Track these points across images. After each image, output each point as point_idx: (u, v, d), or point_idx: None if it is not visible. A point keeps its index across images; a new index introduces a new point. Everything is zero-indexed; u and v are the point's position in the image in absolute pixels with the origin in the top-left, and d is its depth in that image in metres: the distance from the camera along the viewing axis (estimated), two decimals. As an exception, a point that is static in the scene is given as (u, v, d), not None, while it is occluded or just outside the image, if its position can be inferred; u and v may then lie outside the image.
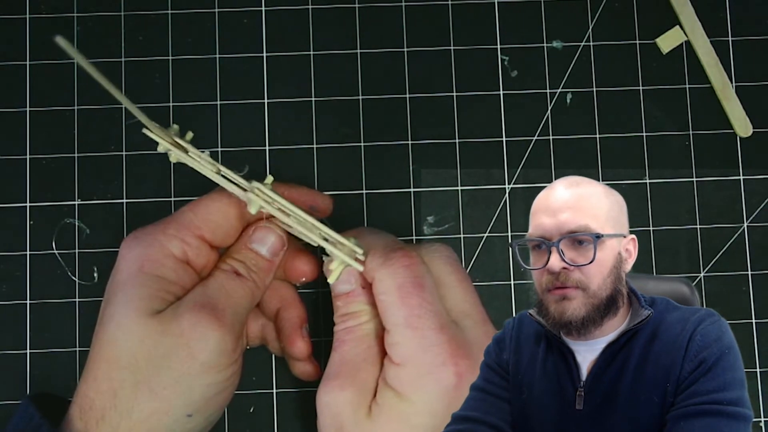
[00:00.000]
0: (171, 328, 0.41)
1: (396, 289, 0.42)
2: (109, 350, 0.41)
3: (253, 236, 0.45)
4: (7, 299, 0.51)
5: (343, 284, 0.45)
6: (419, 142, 0.53)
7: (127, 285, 0.42)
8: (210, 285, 0.44)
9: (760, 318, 0.52)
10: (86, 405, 0.41)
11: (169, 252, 0.43)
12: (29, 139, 0.53)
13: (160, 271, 0.43)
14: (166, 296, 0.42)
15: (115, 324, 0.41)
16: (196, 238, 0.44)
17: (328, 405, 0.42)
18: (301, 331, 0.48)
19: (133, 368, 0.41)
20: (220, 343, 0.42)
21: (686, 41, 0.54)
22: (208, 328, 0.41)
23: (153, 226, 0.44)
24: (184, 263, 0.44)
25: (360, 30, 0.54)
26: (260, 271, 0.45)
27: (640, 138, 0.54)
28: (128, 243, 0.44)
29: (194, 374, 0.41)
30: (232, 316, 0.43)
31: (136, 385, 0.40)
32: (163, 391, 0.41)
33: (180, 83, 0.53)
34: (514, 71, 0.54)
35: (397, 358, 0.42)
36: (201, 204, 0.45)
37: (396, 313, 0.42)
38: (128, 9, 0.54)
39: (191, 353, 0.41)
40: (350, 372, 0.43)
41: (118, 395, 0.40)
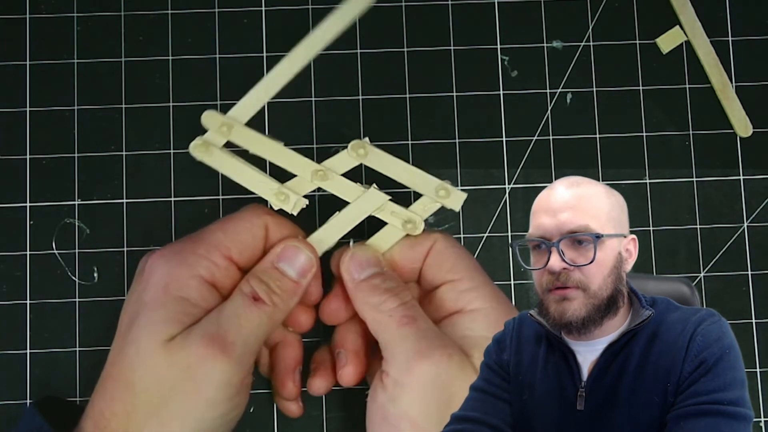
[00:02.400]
0: (179, 359, 0.40)
1: (458, 245, 0.47)
2: (128, 374, 0.41)
3: (281, 254, 0.44)
4: (7, 299, 0.51)
5: (373, 267, 0.45)
6: (419, 142, 0.53)
7: (150, 306, 0.42)
8: (225, 312, 0.42)
9: (760, 318, 0.52)
10: (102, 423, 0.41)
11: (197, 273, 0.42)
12: (29, 139, 0.53)
13: (184, 292, 0.42)
14: (185, 318, 0.42)
15: (135, 349, 0.41)
16: (225, 259, 0.43)
17: (438, 377, 0.41)
18: (294, 375, 0.47)
19: (145, 396, 0.40)
20: (225, 377, 0.41)
21: (686, 41, 0.54)
22: (215, 363, 0.40)
23: (182, 244, 0.44)
24: (209, 285, 0.43)
25: (360, 30, 0.54)
26: (284, 294, 0.43)
27: (640, 138, 0.54)
28: (156, 261, 0.43)
29: (200, 408, 0.41)
30: (242, 347, 0.42)
31: (146, 414, 0.40)
32: (171, 422, 0.40)
33: (180, 83, 0.53)
34: (514, 71, 0.54)
35: (478, 302, 0.43)
36: (230, 223, 0.44)
37: (466, 260, 0.46)
38: (128, 9, 0.54)
39: (197, 389, 0.40)
40: (442, 341, 0.43)
41: (131, 420, 0.40)
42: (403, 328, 0.43)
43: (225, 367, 0.41)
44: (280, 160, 0.45)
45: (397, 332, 0.43)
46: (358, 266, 0.45)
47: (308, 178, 0.44)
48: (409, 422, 0.41)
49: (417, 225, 0.45)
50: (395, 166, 0.45)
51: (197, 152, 0.44)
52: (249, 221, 0.44)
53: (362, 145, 0.45)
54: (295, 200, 0.44)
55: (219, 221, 0.45)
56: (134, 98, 0.53)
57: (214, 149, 0.44)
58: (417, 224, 0.45)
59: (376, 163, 0.45)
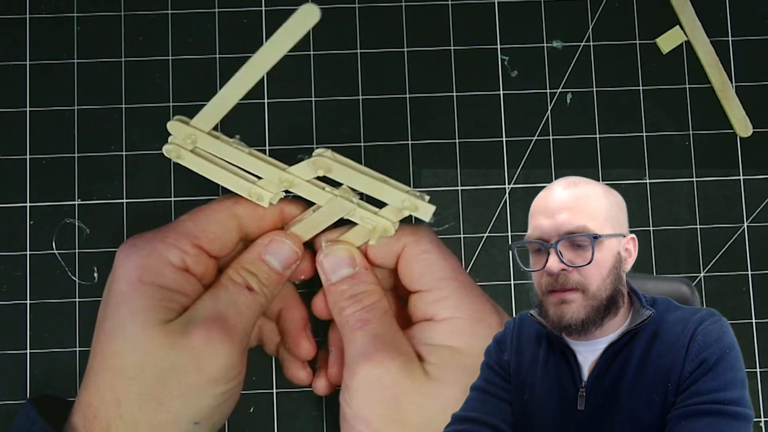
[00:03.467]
0: (181, 342, 0.41)
1: (436, 247, 0.45)
2: (115, 361, 0.41)
3: (268, 247, 0.45)
4: (7, 299, 0.51)
5: (345, 267, 0.45)
6: (419, 142, 0.53)
7: (128, 296, 0.42)
8: (221, 298, 0.43)
9: (760, 318, 0.52)
10: (90, 414, 0.41)
11: (168, 261, 0.43)
12: (29, 139, 0.53)
13: (160, 281, 0.42)
14: (171, 305, 0.42)
15: (122, 335, 0.41)
16: (194, 247, 0.44)
17: (380, 378, 0.42)
18: (305, 332, 0.48)
19: (139, 379, 0.41)
20: (229, 357, 0.42)
21: (686, 41, 0.54)
22: (219, 345, 0.41)
23: (151, 234, 0.44)
24: (183, 271, 0.43)
25: (360, 30, 0.54)
26: (271, 285, 0.45)
27: (640, 138, 0.54)
28: (126, 251, 0.44)
29: (202, 386, 0.41)
30: (242, 330, 0.43)
31: (141, 396, 0.40)
32: (171, 402, 0.41)
33: (180, 83, 0.53)
34: (514, 71, 0.54)
35: (446, 312, 0.43)
36: (201, 214, 0.45)
37: (442, 266, 0.44)
38: (128, 9, 0.54)
39: (200, 367, 0.41)
40: (392, 343, 0.43)
41: (122, 405, 0.40)
42: (355, 332, 0.43)
43: (228, 348, 0.42)
44: (247, 167, 0.45)
45: (350, 336, 0.44)
46: (330, 268, 0.45)
47: (276, 183, 0.44)
48: (365, 423, 0.42)
49: (388, 229, 0.45)
50: (360, 179, 0.44)
51: (170, 156, 0.44)
52: (219, 212, 0.45)
53: (324, 162, 0.43)
54: (269, 198, 0.44)
55: (190, 212, 0.45)
56: (134, 98, 0.53)
57: (185, 152, 0.45)
58: (387, 228, 0.45)
59: (340, 176, 0.44)
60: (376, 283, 0.45)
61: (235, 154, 0.44)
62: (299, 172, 0.44)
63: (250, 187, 0.45)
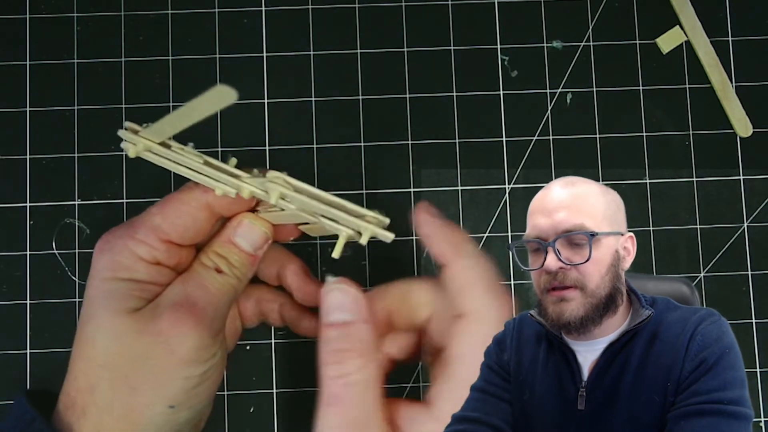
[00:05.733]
0: (149, 327, 0.41)
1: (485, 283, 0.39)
2: (87, 349, 0.41)
3: (237, 230, 0.45)
4: (7, 299, 0.51)
5: (341, 312, 0.41)
6: (419, 142, 0.53)
7: (101, 288, 0.42)
8: (190, 282, 0.43)
9: (760, 318, 0.52)
10: (68, 402, 0.41)
11: (139, 257, 0.43)
12: (29, 139, 0.53)
13: (133, 275, 0.42)
14: (143, 294, 0.42)
15: (94, 324, 0.41)
16: (163, 243, 0.43)
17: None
18: (309, 277, 0.48)
19: (110, 366, 0.41)
20: (198, 339, 0.41)
21: (686, 41, 0.54)
22: (186, 326, 0.41)
23: (124, 228, 0.44)
24: (155, 264, 0.43)
25: (360, 30, 0.54)
26: (242, 266, 0.44)
27: (640, 138, 0.54)
28: (101, 247, 0.43)
29: (172, 369, 0.41)
30: (212, 312, 0.42)
31: (113, 381, 0.40)
32: (142, 386, 0.40)
33: (180, 83, 0.53)
34: (514, 71, 0.54)
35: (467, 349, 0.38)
36: (170, 206, 0.44)
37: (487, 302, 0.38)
38: (128, 9, 0.54)
39: (170, 350, 0.41)
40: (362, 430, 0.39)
41: (96, 391, 0.40)
42: (325, 408, 0.40)
43: (197, 330, 0.41)
44: (201, 177, 0.43)
45: (322, 410, 0.40)
46: (327, 307, 0.42)
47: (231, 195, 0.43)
48: None
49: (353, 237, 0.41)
50: (314, 205, 0.41)
51: (132, 154, 0.43)
52: (188, 203, 0.44)
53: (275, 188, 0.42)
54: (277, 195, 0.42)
55: (159, 203, 0.44)
56: (134, 98, 0.53)
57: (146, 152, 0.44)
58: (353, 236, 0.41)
59: (294, 202, 0.42)
60: (369, 341, 0.40)
61: (189, 164, 0.43)
62: (255, 184, 0.42)
63: (216, 184, 0.43)
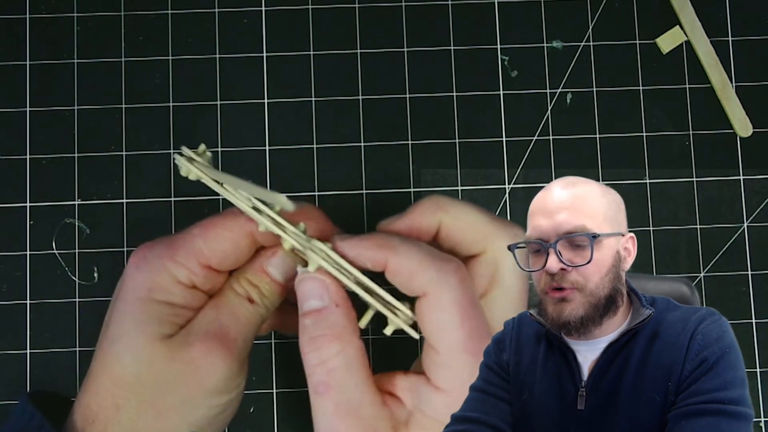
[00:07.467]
0: (181, 355, 0.41)
1: (456, 307, 0.38)
2: (115, 368, 0.41)
3: (270, 259, 0.44)
4: (7, 299, 0.51)
5: (313, 299, 0.41)
6: (419, 142, 0.53)
7: (135, 308, 0.42)
8: (222, 310, 0.43)
9: (760, 318, 0.52)
10: (90, 417, 0.41)
11: (176, 279, 0.42)
12: (29, 139, 0.53)
13: (168, 298, 0.42)
14: (176, 320, 0.42)
15: (124, 345, 0.41)
16: (203, 268, 0.43)
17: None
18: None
19: (138, 388, 0.41)
20: (228, 370, 0.41)
21: (686, 41, 0.54)
22: (218, 358, 0.41)
23: (162, 247, 0.43)
24: (191, 288, 0.43)
25: (360, 30, 0.54)
26: (272, 296, 0.44)
27: (640, 138, 0.54)
28: (136, 263, 0.43)
29: (199, 397, 0.41)
30: (242, 342, 0.43)
31: (140, 404, 0.40)
32: (168, 412, 0.41)
33: (180, 83, 0.53)
34: (514, 71, 0.54)
35: (445, 383, 0.39)
36: (213, 231, 0.43)
37: (455, 334, 0.38)
38: (128, 9, 0.54)
39: (199, 380, 0.41)
40: (355, 414, 0.39)
41: (121, 411, 0.40)
42: (317, 396, 0.40)
43: (227, 361, 0.41)
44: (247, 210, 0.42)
45: (313, 399, 0.41)
46: (301, 296, 0.42)
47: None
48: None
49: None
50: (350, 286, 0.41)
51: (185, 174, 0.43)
52: (231, 230, 0.43)
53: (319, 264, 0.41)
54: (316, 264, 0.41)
55: (201, 225, 0.44)
56: (134, 98, 0.53)
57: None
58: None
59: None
60: (343, 324, 0.40)
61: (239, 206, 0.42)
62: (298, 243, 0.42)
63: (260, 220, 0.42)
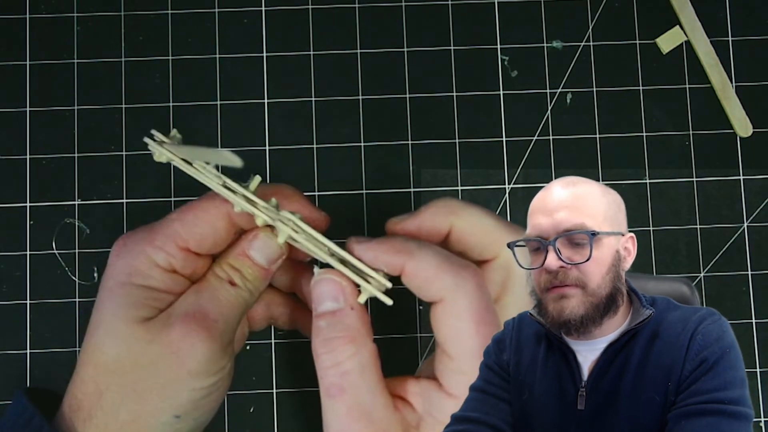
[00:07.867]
0: (160, 337, 0.41)
1: (471, 314, 0.38)
2: (97, 355, 0.41)
3: (252, 243, 0.44)
4: (7, 299, 0.51)
5: (329, 301, 0.41)
6: (419, 142, 0.53)
7: (115, 293, 0.42)
8: (203, 293, 0.43)
9: (760, 318, 0.52)
10: (75, 405, 0.41)
11: (155, 263, 0.42)
12: (29, 139, 0.53)
13: (147, 282, 0.42)
14: (155, 303, 0.42)
15: (104, 331, 0.41)
16: (181, 250, 0.43)
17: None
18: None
19: (119, 373, 0.41)
20: (208, 352, 0.41)
21: (686, 41, 0.54)
22: (197, 339, 0.41)
23: (142, 232, 0.43)
24: (171, 272, 0.43)
25: (360, 30, 0.54)
26: (255, 280, 0.44)
27: (640, 138, 0.54)
28: (117, 251, 0.43)
29: (181, 379, 0.41)
30: (223, 324, 0.42)
31: (122, 388, 0.40)
32: (150, 395, 0.41)
33: (180, 83, 0.53)
34: (514, 71, 0.54)
35: (458, 389, 0.38)
36: (191, 214, 0.43)
37: (469, 341, 0.38)
38: (128, 9, 0.54)
39: (180, 362, 0.41)
40: (368, 417, 0.39)
41: (104, 397, 0.40)
42: (329, 399, 0.40)
43: (208, 342, 0.41)
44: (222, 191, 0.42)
45: (325, 402, 0.40)
46: (316, 298, 0.42)
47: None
48: None
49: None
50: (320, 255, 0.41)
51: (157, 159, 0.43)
52: (208, 212, 0.43)
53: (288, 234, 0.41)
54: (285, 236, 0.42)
55: (179, 210, 0.44)
56: (134, 98, 0.53)
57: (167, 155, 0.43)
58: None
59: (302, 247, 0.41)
60: (358, 327, 0.40)
61: (208, 183, 0.42)
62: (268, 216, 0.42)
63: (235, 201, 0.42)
